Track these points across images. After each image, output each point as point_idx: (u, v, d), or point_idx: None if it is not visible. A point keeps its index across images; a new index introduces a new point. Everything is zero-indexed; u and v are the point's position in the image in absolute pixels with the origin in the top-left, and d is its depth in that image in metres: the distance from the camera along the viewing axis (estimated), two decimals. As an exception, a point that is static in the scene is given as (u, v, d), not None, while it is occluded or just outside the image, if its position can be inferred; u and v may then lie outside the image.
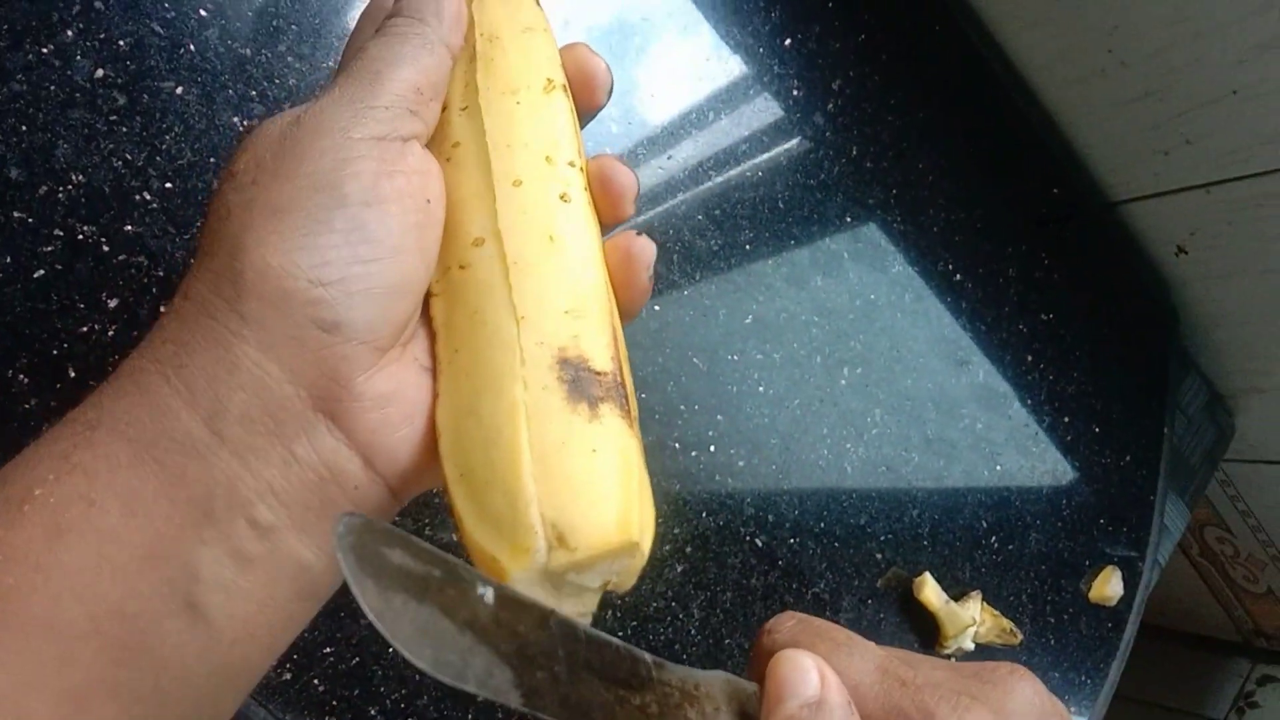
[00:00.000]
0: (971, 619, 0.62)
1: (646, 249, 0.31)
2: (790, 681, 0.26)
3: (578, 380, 0.26)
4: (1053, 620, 0.69)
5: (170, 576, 0.23)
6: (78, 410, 0.24)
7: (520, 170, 0.29)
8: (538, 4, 0.34)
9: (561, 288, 0.28)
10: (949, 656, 0.63)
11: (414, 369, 0.27)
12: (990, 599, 0.64)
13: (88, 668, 0.22)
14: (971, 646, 0.63)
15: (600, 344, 0.27)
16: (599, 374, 0.27)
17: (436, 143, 0.30)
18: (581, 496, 0.24)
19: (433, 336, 0.29)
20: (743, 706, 0.28)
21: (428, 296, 0.29)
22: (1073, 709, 0.70)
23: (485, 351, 0.27)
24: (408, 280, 0.26)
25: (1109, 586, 0.72)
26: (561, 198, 0.29)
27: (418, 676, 0.44)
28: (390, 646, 0.43)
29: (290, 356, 0.24)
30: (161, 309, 0.27)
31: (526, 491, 0.24)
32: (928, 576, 0.62)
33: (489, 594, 0.23)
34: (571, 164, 0.30)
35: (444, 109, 0.30)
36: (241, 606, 0.24)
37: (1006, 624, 0.64)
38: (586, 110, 0.33)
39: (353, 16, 0.45)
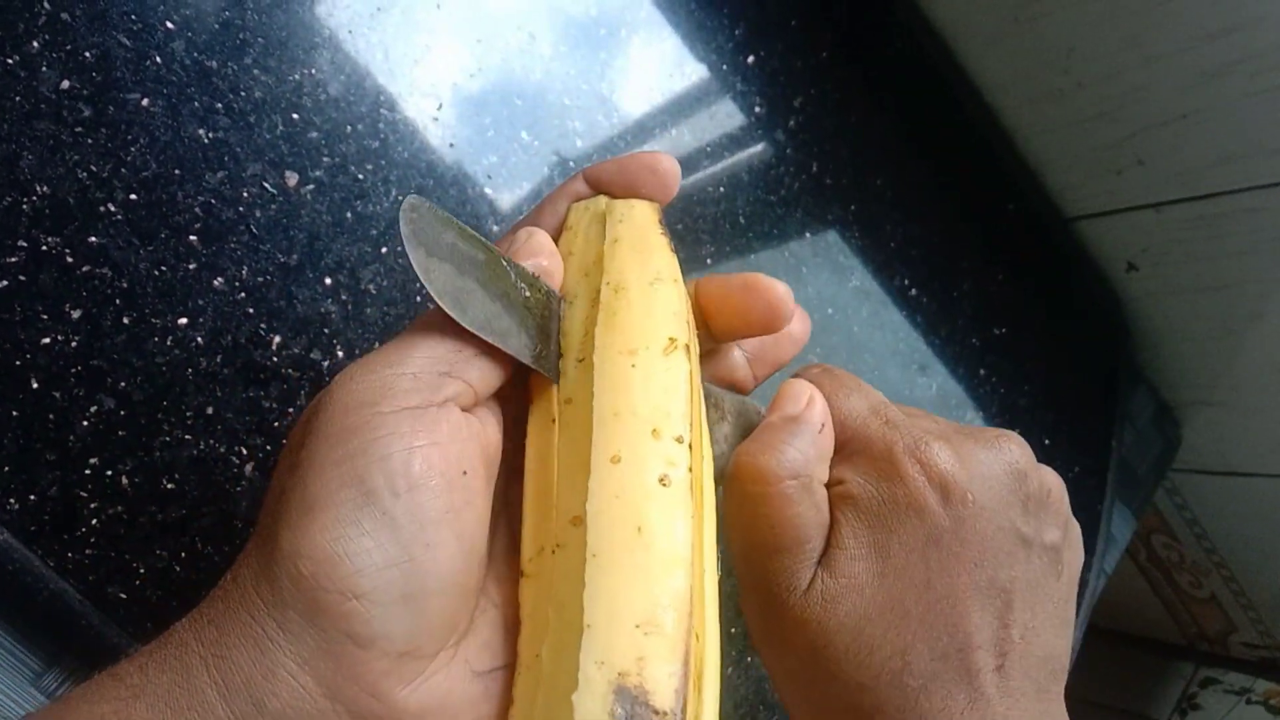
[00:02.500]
0: None
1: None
2: (783, 398, 0.31)
3: (632, 717, 0.23)
4: (1000, 627, 0.71)
5: None
6: (126, 666, 0.24)
7: (620, 445, 0.27)
8: (673, 252, 0.32)
9: (637, 596, 0.25)
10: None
11: (463, 676, 0.25)
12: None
13: None
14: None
15: (666, 673, 0.24)
16: (657, 713, 0.23)
17: (549, 395, 0.29)
18: None
19: (514, 626, 0.27)
20: (747, 423, 0.34)
21: (520, 577, 0.27)
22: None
23: (554, 664, 0.25)
24: (448, 577, 0.24)
25: (1056, 594, 0.74)
26: (661, 480, 0.26)
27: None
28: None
29: (327, 672, 0.23)
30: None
31: None
32: None
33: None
34: (680, 439, 0.27)
35: (561, 355, 0.29)
36: None
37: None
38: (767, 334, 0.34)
39: (316, 29, 0.45)
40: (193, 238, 0.41)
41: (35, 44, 0.38)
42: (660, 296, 0.30)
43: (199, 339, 0.41)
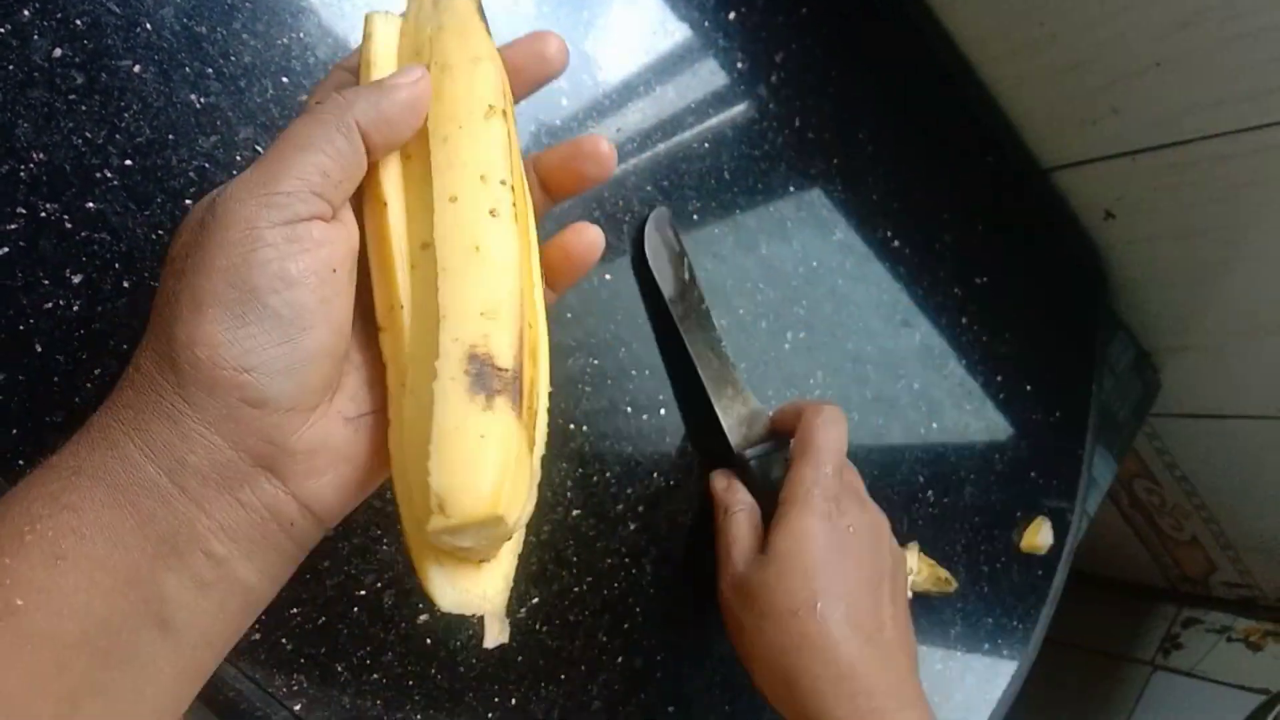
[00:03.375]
0: (911, 568, 0.65)
1: (590, 248, 0.38)
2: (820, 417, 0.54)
3: (480, 374, 0.30)
4: (986, 569, 0.73)
5: (145, 596, 0.28)
6: (57, 458, 0.29)
7: (456, 188, 0.33)
8: (487, 32, 0.36)
9: (480, 293, 0.32)
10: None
11: (337, 422, 0.32)
12: (927, 549, 0.68)
13: (80, 673, 0.27)
14: (910, 594, 0.66)
15: (505, 343, 0.31)
16: (499, 370, 0.31)
17: (375, 181, 0.34)
18: (460, 473, 0.29)
19: (374, 379, 0.33)
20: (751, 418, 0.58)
21: (378, 332, 0.33)
22: (1005, 653, 0.74)
23: (418, 354, 0.32)
24: (321, 350, 0.30)
25: (1039, 536, 0.76)
26: (490, 213, 0.33)
27: (382, 634, 0.46)
28: (355, 606, 0.45)
29: (230, 430, 0.29)
30: (125, 287, 0.31)
31: (427, 467, 0.29)
32: (914, 547, 0.66)
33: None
34: (503, 182, 0.34)
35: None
36: (201, 620, 0.29)
37: (943, 573, 0.68)
38: (546, 78, 0.38)
39: (306, -6, 0.46)
40: (188, 202, 0.42)
41: (26, 12, 0.39)
42: (480, 72, 0.35)
43: (199, 301, 0.42)
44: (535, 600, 0.51)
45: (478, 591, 0.32)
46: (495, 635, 0.32)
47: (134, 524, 0.28)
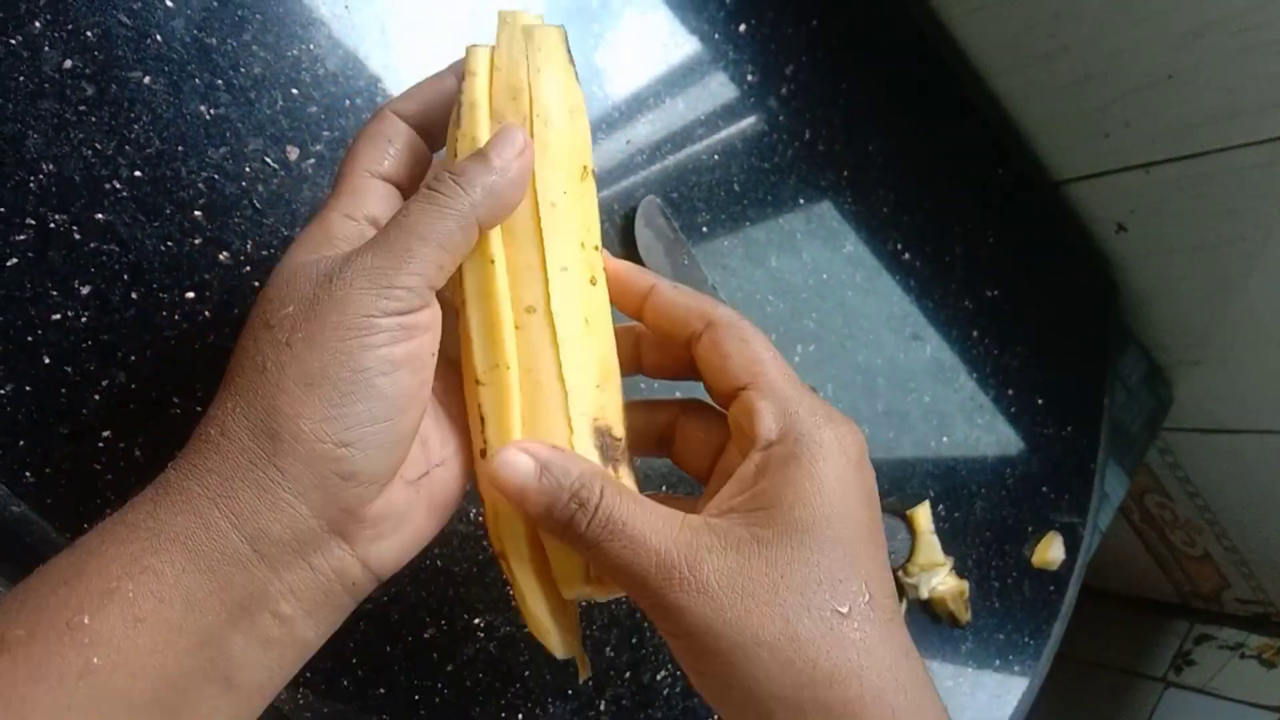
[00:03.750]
0: (945, 560, 0.66)
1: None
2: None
3: (605, 446, 0.34)
4: (997, 584, 0.72)
5: (213, 657, 0.29)
6: (134, 515, 0.30)
7: (566, 258, 0.35)
8: (577, 79, 0.36)
9: (594, 365, 0.35)
10: (902, 600, 0.66)
11: (401, 486, 0.33)
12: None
13: None
14: (926, 595, 0.66)
15: (617, 413, 0.35)
16: (617, 439, 0.35)
17: (484, 242, 0.34)
18: None
19: (429, 444, 0.35)
20: None
21: (476, 386, 0.35)
22: (1016, 669, 0.74)
23: (541, 415, 0.34)
24: (413, 428, 0.32)
25: (1051, 551, 0.75)
26: (590, 281, 0.35)
27: (388, 647, 0.46)
28: (360, 620, 0.45)
29: (317, 500, 0.30)
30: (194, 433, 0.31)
31: None
32: (926, 504, 0.66)
33: None
34: (596, 248, 0.36)
35: None
36: (262, 676, 0.30)
37: (964, 586, 0.67)
38: None
39: (314, 4, 0.45)
40: (197, 213, 0.42)
41: (37, 24, 0.39)
42: (579, 129, 0.36)
43: (206, 312, 0.42)
44: (543, 614, 0.50)
45: (572, 639, 0.35)
46: (585, 669, 0.36)
47: (212, 589, 0.29)
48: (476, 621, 0.48)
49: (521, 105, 0.35)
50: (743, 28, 0.61)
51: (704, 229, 0.58)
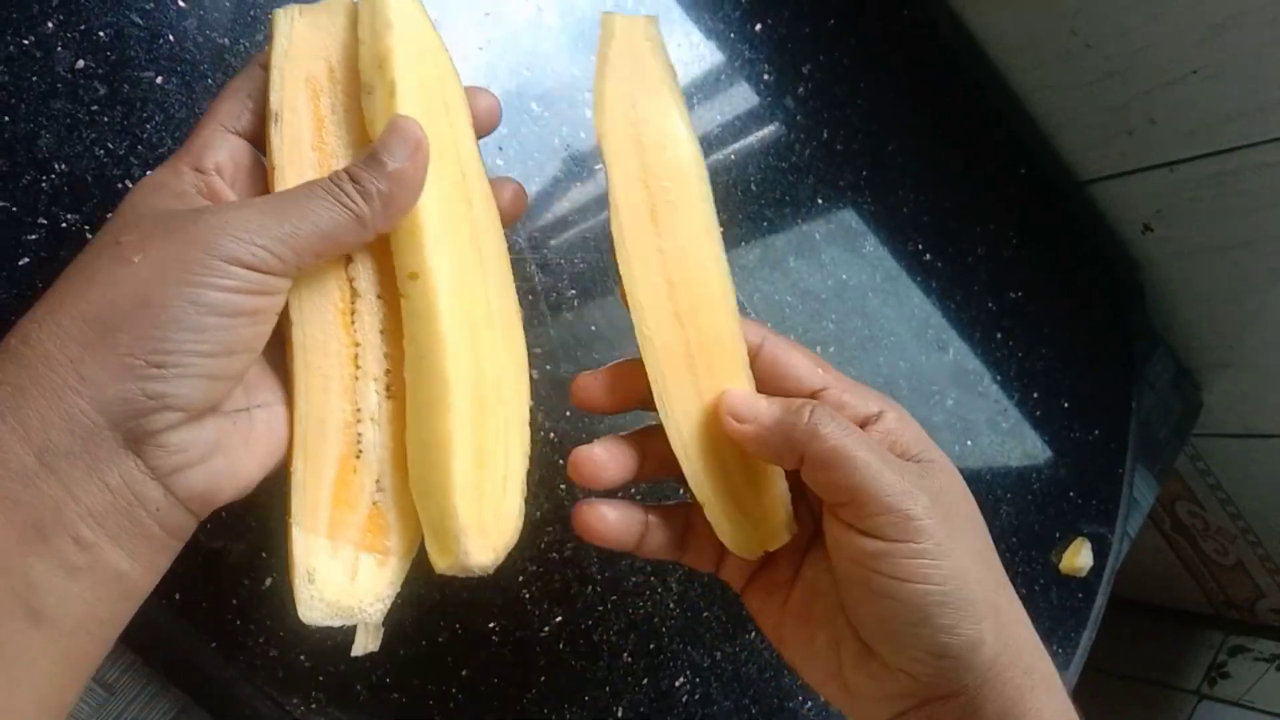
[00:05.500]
0: None
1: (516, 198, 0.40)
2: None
3: None
4: (1024, 591, 0.71)
5: (12, 585, 0.28)
6: None
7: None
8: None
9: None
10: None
11: (214, 417, 0.32)
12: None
13: None
14: None
15: None
16: None
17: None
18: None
19: (255, 383, 0.35)
20: None
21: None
22: (1045, 677, 0.72)
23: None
24: (236, 372, 0.32)
25: (1079, 558, 0.74)
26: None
27: (402, 652, 0.45)
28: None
29: (115, 410, 0.29)
30: None
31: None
32: None
33: None
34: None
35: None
36: (73, 607, 0.29)
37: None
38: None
39: (328, 6, 0.45)
40: (209, 213, 0.42)
41: (50, 24, 0.39)
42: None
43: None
44: (559, 619, 0.50)
45: (348, 603, 0.35)
46: (361, 645, 0.35)
47: None
48: (491, 625, 0.48)
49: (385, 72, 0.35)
50: (759, 27, 0.60)
51: (721, 229, 0.58)
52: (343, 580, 0.34)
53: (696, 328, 0.37)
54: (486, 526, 0.34)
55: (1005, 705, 0.34)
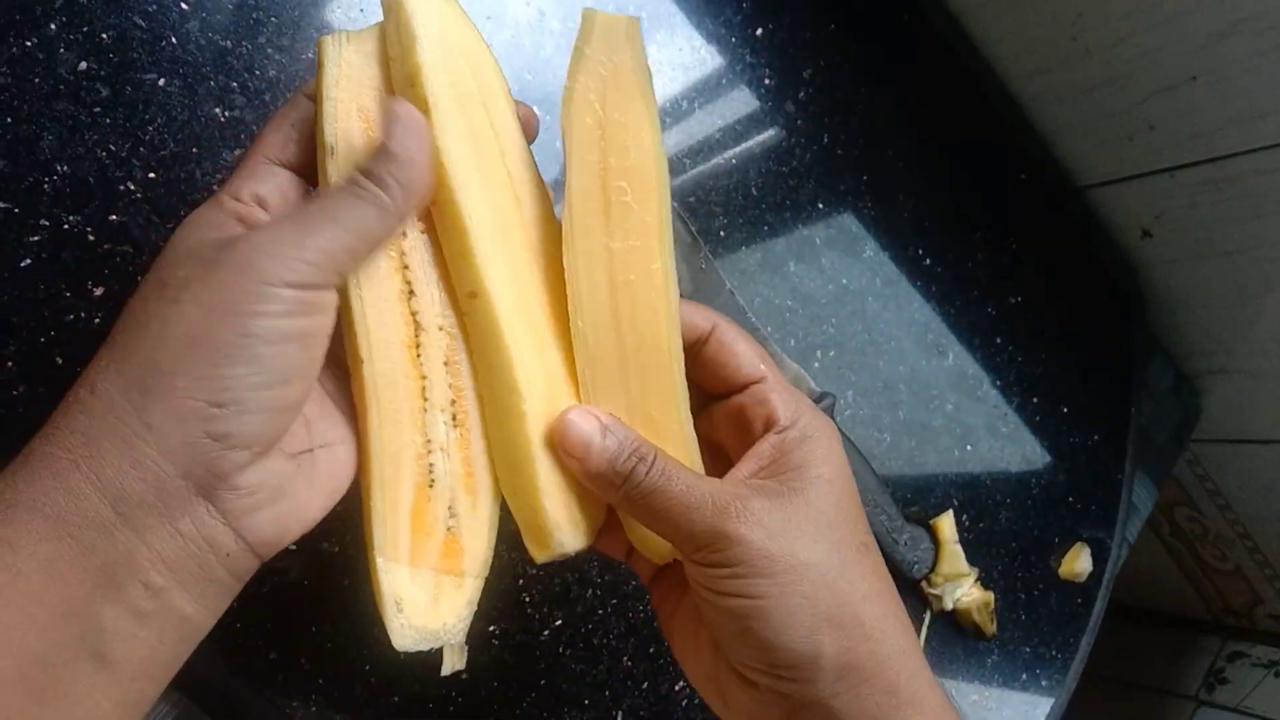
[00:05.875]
0: (970, 570, 0.65)
1: None
2: None
3: None
4: (1023, 596, 0.71)
5: (82, 630, 0.28)
6: None
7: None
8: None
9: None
10: (925, 611, 0.65)
11: (279, 459, 0.32)
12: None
13: (15, 709, 0.27)
14: (951, 606, 0.65)
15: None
16: None
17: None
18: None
19: (310, 422, 0.34)
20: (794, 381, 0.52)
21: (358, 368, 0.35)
22: (1044, 683, 0.72)
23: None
24: (296, 402, 0.32)
25: (1078, 563, 0.74)
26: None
27: (401, 657, 0.45)
28: (374, 626, 0.44)
29: (183, 458, 0.29)
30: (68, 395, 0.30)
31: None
32: (950, 514, 0.65)
33: None
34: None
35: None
36: (138, 651, 0.29)
37: (989, 598, 0.66)
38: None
39: (328, 8, 0.46)
40: (211, 215, 0.42)
41: (53, 26, 0.39)
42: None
43: (220, 314, 0.42)
44: (558, 622, 0.50)
45: (433, 628, 0.35)
46: (449, 664, 0.36)
47: (74, 556, 0.28)
48: (491, 629, 0.48)
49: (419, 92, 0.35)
50: (760, 32, 0.60)
51: (721, 233, 0.58)
52: (427, 605, 0.35)
53: (634, 331, 0.37)
54: (575, 517, 0.36)
55: None
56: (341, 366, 0.36)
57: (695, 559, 0.34)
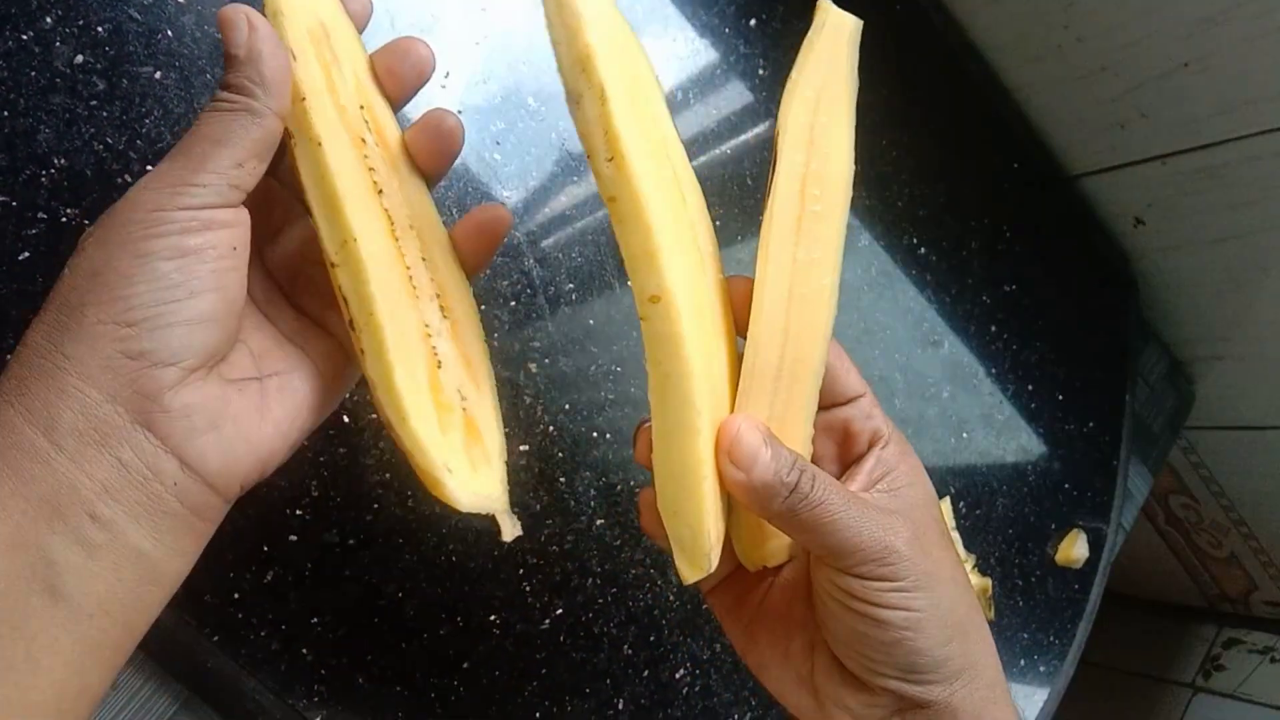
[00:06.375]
0: (968, 557, 0.65)
1: (498, 221, 0.39)
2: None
3: None
4: (1020, 583, 0.71)
5: (30, 561, 0.28)
6: None
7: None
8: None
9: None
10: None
11: (216, 383, 0.32)
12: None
13: None
14: None
15: None
16: None
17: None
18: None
19: (259, 356, 0.35)
20: None
21: (331, 267, 0.35)
22: (1041, 669, 0.72)
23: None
24: (208, 314, 0.31)
25: (1075, 549, 0.74)
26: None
27: (404, 644, 0.45)
28: (376, 616, 0.45)
29: (106, 382, 0.29)
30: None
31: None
32: (947, 501, 0.66)
33: None
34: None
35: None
36: (94, 586, 0.29)
37: (987, 584, 0.66)
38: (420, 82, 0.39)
39: (326, 1, 0.46)
40: (209, 207, 0.42)
41: (48, 20, 0.39)
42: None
43: (219, 307, 0.42)
44: (559, 611, 0.50)
45: (486, 493, 0.35)
46: (510, 530, 0.35)
47: (13, 487, 0.28)
48: (492, 618, 0.48)
49: (593, 79, 0.34)
50: (753, 22, 0.60)
51: (718, 223, 0.57)
52: (469, 474, 0.35)
53: (796, 345, 0.36)
54: (722, 537, 0.35)
55: (970, 718, 0.36)
56: (292, 305, 0.36)
57: (857, 572, 0.34)
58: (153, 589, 0.31)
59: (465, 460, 0.35)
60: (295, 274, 0.37)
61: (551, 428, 0.50)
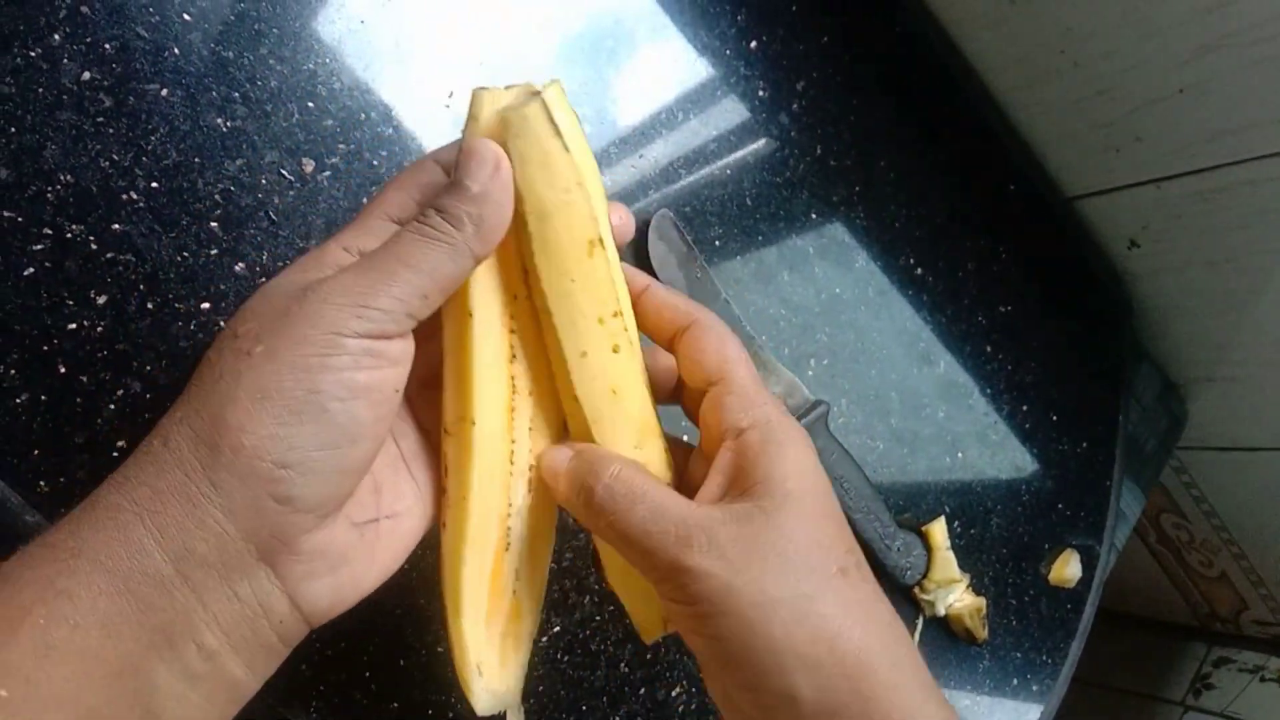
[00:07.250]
0: (962, 576, 0.65)
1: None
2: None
3: None
4: (1014, 602, 0.72)
5: (136, 688, 0.28)
6: (55, 535, 0.28)
7: (585, 343, 0.36)
8: (568, 149, 0.35)
9: (629, 430, 0.36)
10: (918, 617, 0.65)
11: (344, 527, 0.32)
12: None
13: None
14: (943, 612, 0.65)
15: (660, 461, 0.38)
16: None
17: (503, 317, 0.36)
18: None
19: (379, 489, 0.35)
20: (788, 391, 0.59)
21: (444, 435, 0.36)
22: (1034, 688, 0.73)
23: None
24: (362, 462, 0.31)
25: (1068, 569, 0.74)
26: (614, 350, 0.36)
27: (401, 662, 0.45)
28: (374, 633, 0.45)
29: (247, 521, 0.29)
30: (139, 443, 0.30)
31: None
32: (942, 520, 0.66)
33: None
34: (616, 314, 0.36)
35: (502, 289, 0.36)
36: (188, 713, 0.29)
37: (981, 604, 0.67)
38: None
39: (329, 19, 0.46)
40: (213, 224, 0.42)
41: (57, 37, 0.39)
42: (575, 210, 0.35)
43: (221, 323, 0.42)
44: (556, 629, 0.50)
45: (503, 692, 0.36)
46: None
47: (132, 613, 0.27)
48: (490, 635, 0.48)
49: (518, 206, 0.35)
50: (754, 44, 0.61)
51: (716, 242, 0.58)
52: (497, 668, 0.36)
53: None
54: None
55: None
56: (420, 427, 0.36)
57: (660, 593, 0.33)
58: (235, 708, 0.31)
59: (497, 655, 0.36)
60: (424, 385, 0.37)
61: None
